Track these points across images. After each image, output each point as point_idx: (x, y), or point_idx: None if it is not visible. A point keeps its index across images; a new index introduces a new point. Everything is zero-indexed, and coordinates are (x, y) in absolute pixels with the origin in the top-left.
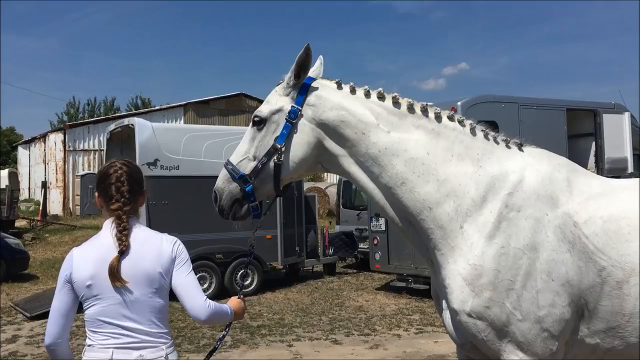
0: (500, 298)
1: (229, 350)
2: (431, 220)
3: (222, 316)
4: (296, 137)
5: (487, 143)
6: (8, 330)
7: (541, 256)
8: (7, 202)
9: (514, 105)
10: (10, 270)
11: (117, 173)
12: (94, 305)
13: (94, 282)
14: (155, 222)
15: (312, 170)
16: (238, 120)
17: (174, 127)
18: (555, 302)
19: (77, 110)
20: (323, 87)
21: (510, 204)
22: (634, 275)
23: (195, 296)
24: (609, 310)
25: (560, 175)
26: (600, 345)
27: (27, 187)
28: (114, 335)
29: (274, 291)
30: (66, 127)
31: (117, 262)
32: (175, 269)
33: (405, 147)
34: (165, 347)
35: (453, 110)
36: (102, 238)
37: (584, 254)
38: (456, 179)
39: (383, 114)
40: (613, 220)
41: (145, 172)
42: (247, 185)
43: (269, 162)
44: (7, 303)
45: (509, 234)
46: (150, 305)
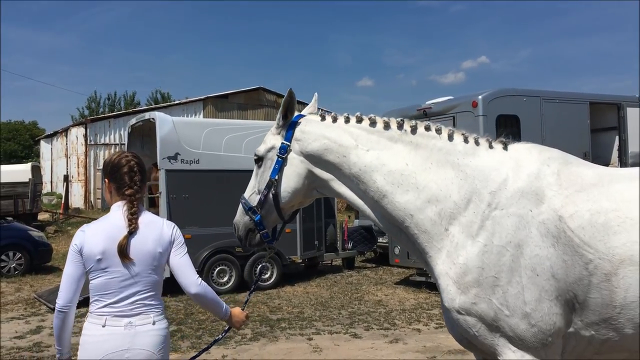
0: (486, 294)
1: (249, 343)
2: (415, 226)
3: (213, 301)
4: (287, 170)
5: (467, 146)
6: (32, 321)
7: (525, 252)
8: (30, 196)
9: (535, 99)
10: (34, 262)
11: (129, 163)
12: (100, 277)
13: (103, 257)
14: (175, 215)
15: (309, 197)
16: (257, 115)
17: (194, 121)
18: (541, 296)
19: (98, 105)
20: (308, 121)
21: (492, 202)
22: (622, 267)
23: (188, 274)
24: (599, 303)
25: (549, 170)
26: (595, 337)
27: (50, 180)
28: (111, 304)
29: (293, 285)
30: (87, 122)
31: (126, 241)
32: (173, 250)
33: (383, 161)
34: (154, 316)
35: (474, 105)
36: (111, 219)
37: (569, 248)
38: (436, 185)
39: (361, 135)
40: (602, 213)
41: (165, 165)
42: (255, 216)
43: (268, 194)
44: (31, 295)
45: (492, 232)
46: (148, 280)
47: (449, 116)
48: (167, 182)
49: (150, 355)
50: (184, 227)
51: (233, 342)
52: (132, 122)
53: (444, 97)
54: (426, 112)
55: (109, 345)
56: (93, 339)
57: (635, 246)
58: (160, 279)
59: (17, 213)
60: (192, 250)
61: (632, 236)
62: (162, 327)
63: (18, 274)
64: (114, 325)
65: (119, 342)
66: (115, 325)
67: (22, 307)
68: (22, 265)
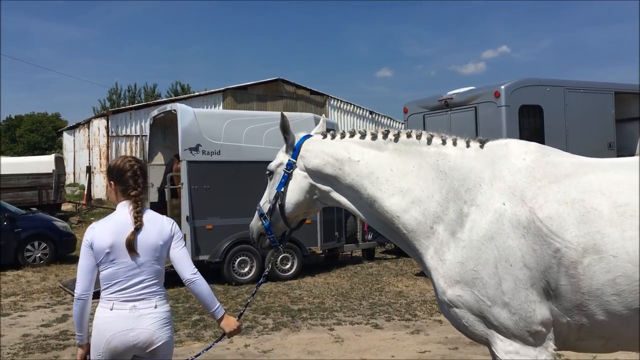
0: (469, 287)
1: (271, 333)
2: (402, 227)
3: (206, 294)
4: (292, 184)
5: (444, 147)
6: (58, 310)
7: (498, 244)
8: (54, 186)
9: (559, 89)
10: (59, 252)
11: (133, 168)
12: (109, 268)
13: (111, 250)
14: (197, 206)
15: (312, 207)
16: (276, 106)
17: (215, 113)
18: (517, 286)
19: (119, 97)
20: (311, 140)
21: (469, 200)
22: (586, 255)
23: (186, 265)
24: (569, 290)
25: (524, 163)
26: (571, 323)
27: (72, 171)
28: (119, 291)
29: (313, 276)
30: (109, 113)
31: (133, 237)
32: (172, 243)
33: (371, 170)
34: (156, 301)
35: (496, 95)
36: (118, 216)
37: (539, 237)
38: (419, 187)
39: (353, 147)
40: (569, 203)
41: (187, 157)
42: (265, 222)
43: (276, 205)
44: (56, 284)
45: (470, 228)
46: (151, 269)
47: (471, 106)
48: (188, 173)
49: (152, 334)
50: (206, 217)
51: (255, 332)
52: (153, 114)
53: (466, 88)
54: (447, 102)
55: (116, 326)
56: (102, 321)
57: (597, 236)
58: (162, 269)
59: (42, 204)
60: (213, 241)
61: (595, 226)
62: (164, 310)
63: (43, 264)
64: (120, 309)
65: (125, 323)
66: (121, 309)
67: (48, 296)
68: (47, 255)
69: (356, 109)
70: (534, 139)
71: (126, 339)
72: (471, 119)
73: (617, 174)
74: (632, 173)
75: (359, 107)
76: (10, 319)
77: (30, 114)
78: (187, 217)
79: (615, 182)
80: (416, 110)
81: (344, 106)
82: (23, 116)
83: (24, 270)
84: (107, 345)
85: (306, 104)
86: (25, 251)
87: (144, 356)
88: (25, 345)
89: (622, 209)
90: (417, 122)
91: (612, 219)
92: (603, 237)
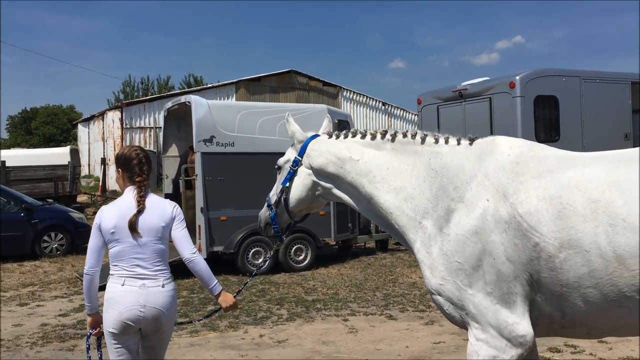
0: (452, 277)
1: (286, 324)
2: (395, 222)
3: (205, 272)
4: (296, 180)
5: (436, 146)
6: (75, 299)
7: (482, 239)
8: (70, 178)
9: (575, 79)
10: (75, 242)
11: (139, 156)
12: (115, 246)
13: (116, 230)
14: (211, 197)
15: (316, 203)
16: (289, 97)
17: (229, 104)
18: (499, 277)
19: (132, 89)
20: (317, 141)
21: (456, 196)
22: (563, 250)
23: (186, 245)
24: (549, 282)
25: (509, 159)
26: (554, 312)
27: (87, 163)
28: (127, 268)
29: (327, 267)
30: (123, 105)
31: (135, 218)
32: (174, 225)
33: (369, 168)
34: (163, 280)
35: (511, 86)
36: (124, 200)
37: (519, 232)
38: (411, 185)
39: (354, 147)
40: (547, 199)
41: (201, 148)
42: (271, 213)
43: (281, 198)
44: (73, 274)
45: (456, 222)
46: (154, 249)
47: (486, 97)
48: (203, 164)
49: (160, 313)
50: (220, 209)
51: (270, 322)
52: (168, 106)
53: (480, 78)
54: (462, 93)
55: (128, 299)
56: (114, 295)
57: (572, 231)
58: (165, 249)
59: (57, 195)
60: (227, 232)
61: (570, 222)
62: (170, 289)
63: (60, 254)
64: (131, 285)
65: (136, 298)
66: (132, 285)
67: (65, 286)
68: (63, 245)
69: (369, 101)
70: (549, 130)
71: (136, 313)
72: (486, 110)
73: (595, 169)
74: (611, 168)
75: (371, 98)
76: (28, 309)
77: (45, 106)
78: (202, 208)
79: (591, 178)
80: (430, 101)
81: (356, 97)
82: (38, 108)
83: (41, 260)
84: (119, 317)
85: (319, 96)
86: (42, 242)
87: (150, 329)
88: (44, 335)
89: (594, 205)
90: (431, 113)
91: (586, 215)
92: (577, 232)
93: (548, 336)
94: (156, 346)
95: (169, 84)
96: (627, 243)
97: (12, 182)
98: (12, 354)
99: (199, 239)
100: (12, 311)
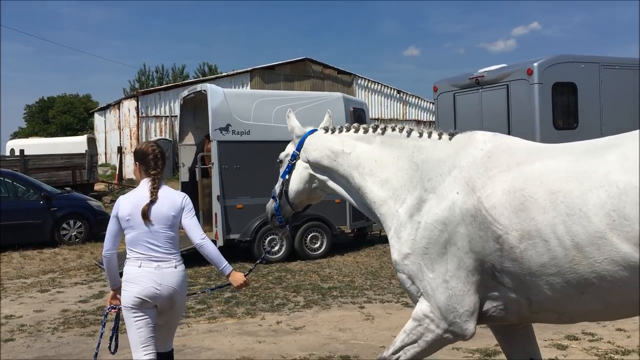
0: (416, 259)
1: (302, 310)
2: (378, 211)
3: (214, 255)
4: (294, 173)
5: (420, 140)
6: (95, 286)
7: (449, 229)
8: (87, 166)
9: (594, 66)
10: (93, 230)
11: (155, 152)
12: (130, 232)
13: (130, 217)
14: (227, 186)
15: (313, 194)
16: (303, 85)
17: (244, 93)
18: (460, 266)
19: (147, 78)
20: (314, 135)
21: (429, 187)
22: (523, 241)
23: (196, 232)
24: (512, 271)
25: (481, 153)
26: (520, 299)
27: (104, 152)
28: (142, 252)
29: (343, 254)
30: (139, 94)
31: (147, 208)
32: (183, 214)
33: (358, 161)
34: (175, 262)
35: (529, 73)
36: (139, 191)
37: (484, 225)
38: (395, 176)
39: (347, 140)
40: (511, 192)
41: (217, 137)
42: (275, 204)
43: (282, 190)
44: (92, 261)
45: (425, 211)
46: (166, 235)
47: (503, 84)
48: (219, 153)
49: (174, 291)
50: (236, 197)
51: (287, 309)
52: (183, 94)
53: (497, 65)
54: (478, 80)
55: (145, 280)
56: (132, 275)
57: (532, 222)
58: (175, 235)
59: (75, 183)
60: (243, 221)
61: (530, 214)
62: (182, 270)
63: (79, 242)
64: (147, 267)
65: (153, 278)
66: (148, 267)
67: (84, 273)
68: (82, 233)
69: (384, 88)
70: (568, 117)
71: (153, 291)
72: (503, 97)
73: (559, 161)
74: (574, 159)
75: (386, 86)
76: (49, 295)
77: (62, 95)
78: (218, 196)
79: (554, 170)
80: (446, 88)
81: (371, 85)
82: (55, 97)
83: (60, 248)
84: (137, 294)
85: (333, 84)
86: (61, 229)
87: (164, 306)
88: (65, 320)
89: (554, 196)
90: (447, 100)
91: (545, 206)
92: (537, 223)
93: (521, 322)
94: (169, 323)
95: (184, 72)
96: (584, 232)
97: (30, 171)
98: (34, 339)
99: (215, 226)
100: (34, 297)
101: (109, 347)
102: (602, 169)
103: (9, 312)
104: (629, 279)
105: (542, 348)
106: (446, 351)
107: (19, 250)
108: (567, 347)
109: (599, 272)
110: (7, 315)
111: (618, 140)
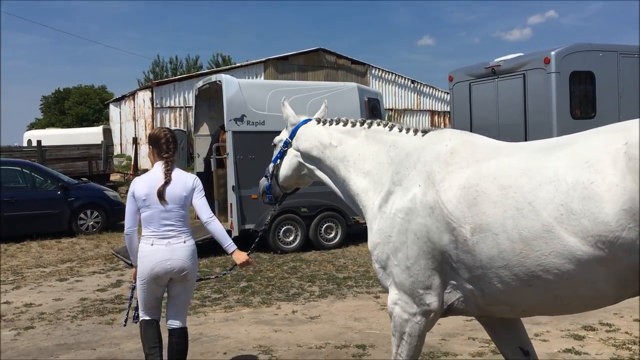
0: (384, 248)
1: (318, 300)
2: (360, 202)
3: (220, 233)
4: (285, 159)
5: (398, 135)
6: (112, 275)
7: (411, 219)
8: (103, 157)
9: (612, 54)
10: (110, 220)
11: (167, 136)
12: (146, 211)
13: (147, 197)
14: (242, 176)
15: (301, 180)
16: (317, 76)
17: (259, 83)
18: (420, 255)
19: (162, 69)
20: (306, 126)
21: (396, 180)
22: (475, 234)
23: (204, 211)
24: (466, 263)
25: (445, 149)
26: (474, 290)
27: (119, 142)
28: (155, 230)
29: (357, 245)
30: (153, 85)
31: (162, 188)
32: (194, 195)
33: (344, 154)
34: (184, 237)
35: (546, 62)
36: (154, 172)
37: (441, 217)
38: (375, 169)
39: (335, 134)
40: (465, 187)
41: (232, 127)
42: (266, 183)
43: (273, 172)
44: (109, 251)
45: (391, 202)
46: (178, 214)
47: (519, 74)
48: (234, 143)
49: (184, 263)
50: (251, 187)
51: (302, 299)
52: (198, 85)
53: (514, 54)
54: (494, 69)
55: (157, 256)
56: (145, 253)
57: (483, 216)
58: (187, 214)
59: (92, 174)
60: (259, 210)
61: (482, 208)
62: (191, 244)
63: (96, 232)
64: (158, 244)
65: (163, 254)
66: (159, 244)
67: (102, 262)
68: (99, 223)
69: (398, 78)
70: (585, 107)
71: (165, 266)
72: (519, 86)
73: (514, 158)
74: (528, 156)
75: (400, 76)
76: (68, 284)
77: (78, 86)
78: (233, 186)
79: (508, 167)
80: (462, 78)
81: (385, 75)
82: (71, 89)
83: (77, 237)
84: (150, 271)
85: (347, 74)
86: (78, 219)
87: (177, 279)
88: (83, 309)
89: (505, 191)
90: (462, 90)
91: (496, 201)
92: (487, 217)
93: (480, 314)
94: (181, 294)
95: (198, 63)
96: (532, 225)
97: (47, 161)
98: (54, 327)
99: (230, 217)
100: (52, 286)
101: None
102: (552, 165)
103: (29, 300)
104: (575, 272)
105: (559, 338)
106: (462, 341)
107: (37, 240)
108: (584, 337)
109: (545, 266)
110: (26, 303)
111: (572, 139)
